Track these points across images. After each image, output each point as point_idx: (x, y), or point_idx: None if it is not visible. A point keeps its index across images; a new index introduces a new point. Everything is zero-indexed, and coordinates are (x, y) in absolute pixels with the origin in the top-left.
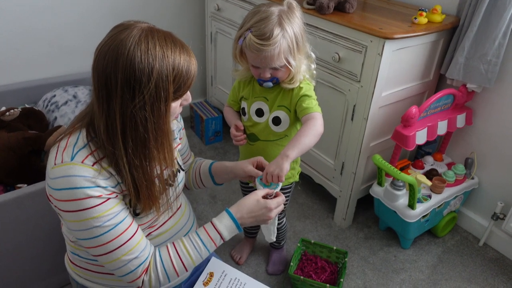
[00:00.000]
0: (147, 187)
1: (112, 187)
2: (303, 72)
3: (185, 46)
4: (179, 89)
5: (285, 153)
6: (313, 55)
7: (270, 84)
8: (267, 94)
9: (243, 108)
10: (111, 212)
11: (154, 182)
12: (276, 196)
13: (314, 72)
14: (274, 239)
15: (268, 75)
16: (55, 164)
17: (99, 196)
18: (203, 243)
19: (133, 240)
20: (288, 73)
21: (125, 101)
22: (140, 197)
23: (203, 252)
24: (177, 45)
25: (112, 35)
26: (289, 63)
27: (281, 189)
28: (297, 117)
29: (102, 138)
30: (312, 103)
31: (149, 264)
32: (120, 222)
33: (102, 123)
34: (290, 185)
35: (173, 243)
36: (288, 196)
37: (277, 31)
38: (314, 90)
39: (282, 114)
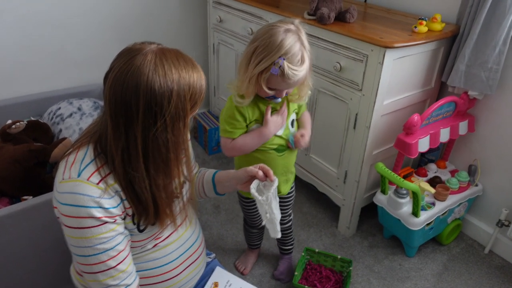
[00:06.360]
0: (167, 204)
1: (114, 207)
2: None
3: (194, 62)
4: (194, 105)
5: (308, 133)
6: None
7: (279, 99)
8: (276, 105)
9: None
10: (105, 236)
11: (173, 197)
12: None
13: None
14: (279, 235)
15: (284, 94)
16: (63, 179)
17: (99, 218)
18: None
19: (117, 268)
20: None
21: (147, 126)
22: (159, 213)
23: None
24: (188, 63)
25: (125, 61)
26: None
27: (288, 193)
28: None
29: (119, 163)
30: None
31: None
32: (111, 248)
33: (119, 149)
34: (292, 187)
35: None
36: (292, 198)
37: (305, 54)
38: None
39: (294, 115)
